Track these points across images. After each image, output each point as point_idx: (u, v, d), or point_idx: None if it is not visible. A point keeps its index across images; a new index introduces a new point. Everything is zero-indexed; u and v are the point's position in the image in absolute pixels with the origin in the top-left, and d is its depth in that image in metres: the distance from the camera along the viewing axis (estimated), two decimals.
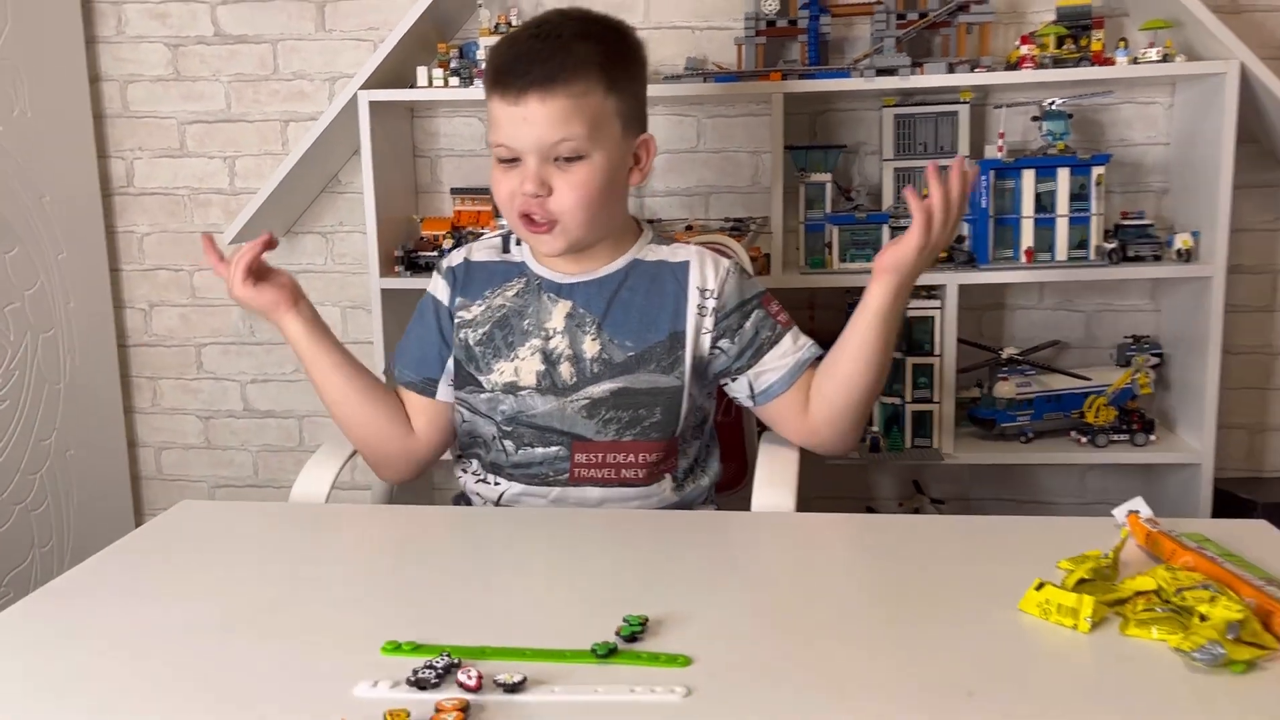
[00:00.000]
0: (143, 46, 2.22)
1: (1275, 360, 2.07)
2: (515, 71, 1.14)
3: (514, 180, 1.17)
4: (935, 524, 1.11)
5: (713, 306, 1.24)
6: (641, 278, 1.25)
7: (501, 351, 1.24)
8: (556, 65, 1.13)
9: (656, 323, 1.23)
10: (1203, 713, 0.70)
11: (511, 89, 1.14)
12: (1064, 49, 1.83)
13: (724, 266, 1.27)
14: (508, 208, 1.20)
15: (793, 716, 0.69)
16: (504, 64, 1.16)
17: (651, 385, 1.22)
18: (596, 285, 1.24)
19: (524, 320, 1.24)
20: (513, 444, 1.25)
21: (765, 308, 1.27)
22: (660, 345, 1.23)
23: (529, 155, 1.16)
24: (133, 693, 0.74)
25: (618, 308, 1.23)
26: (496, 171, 1.20)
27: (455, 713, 0.69)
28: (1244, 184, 1.97)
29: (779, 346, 1.25)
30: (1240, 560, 0.91)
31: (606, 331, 1.23)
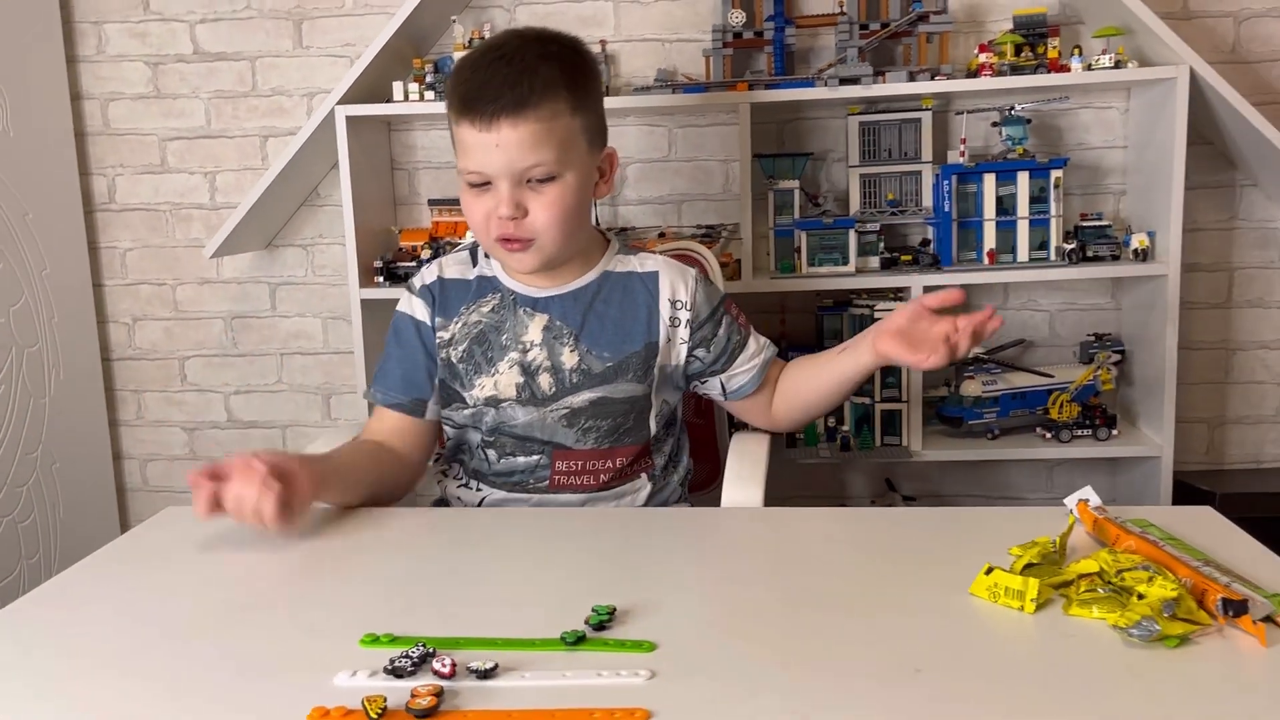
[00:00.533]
0: (123, 65, 2.25)
1: (1233, 356, 2.13)
2: (483, 98, 1.14)
3: (487, 203, 1.18)
4: (895, 516, 1.15)
5: (686, 318, 1.28)
6: (614, 289, 1.28)
7: (482, 367, 1.26)
8: (525, 90, 1.14)
9: (632, 334, 1.26)
10: (1136, 684, 0.73)
11: (481, 115, 1.14)
12: (1021, 57, 1.88)
13: (691, 276, 1.30)
14: (483, 230, 1.20)
15: (748, 695, 0.73)
16: (470, 90, 1.16)
17: (629, 394, 1.26)
18: (571, 298, 1.27)
19: (501, 335, 1.26)
20: (495, 453, 1.28)
21: (730, 313, 1.33)
22: (636, 356, 1.26)
23: (501, 179, 1.16)
24: (118, 693, 0.77)
25: (594, 319, 1.26)
26: (467, 195, 1.20)
27: (429, 697, 0.72)
28: (1198, 185, 2.04)
29: (746, 350, 1.33)
30: (1180, 543, 0.95)
31: (584, 343, 1.25)
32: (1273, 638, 0.78)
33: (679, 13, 2.10)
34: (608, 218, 2.18)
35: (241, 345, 2.33)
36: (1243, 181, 2.06)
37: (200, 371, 2.35)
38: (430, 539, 1.10)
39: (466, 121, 1.16)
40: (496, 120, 1.14)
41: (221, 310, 2.32)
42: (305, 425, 2.34)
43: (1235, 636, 0.79)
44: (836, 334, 2.05)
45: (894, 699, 0.72)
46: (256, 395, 2.34)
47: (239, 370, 2.34)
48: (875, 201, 2.02)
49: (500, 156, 1.15)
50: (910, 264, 1.96)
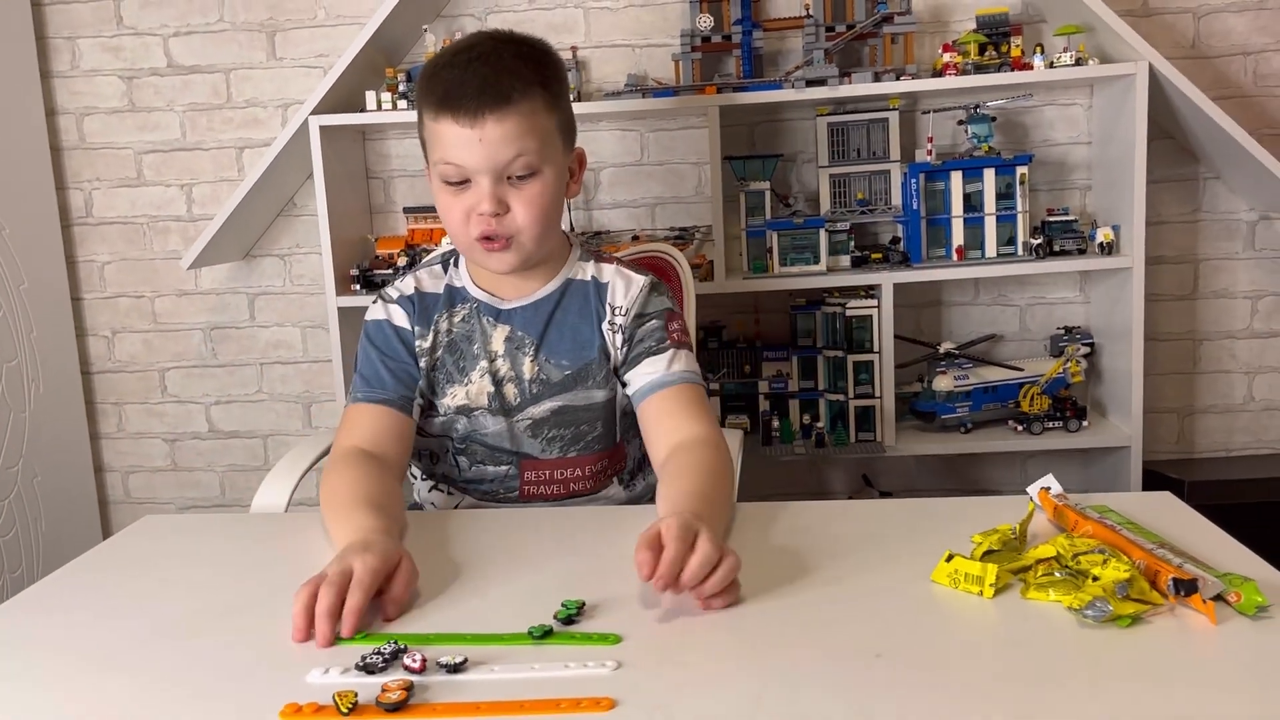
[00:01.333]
0: (97, 79, 2.25)
1: (1200, 346, 2.16)
2: (466, 94, 1.14)
3: (467, 201, 1.17)
4: (861, 508, 1.16)
5: (620, 323, 1.27)
6: (574, 297, 1.28)
7: (454, 376, 1.26)
8: (507, 86, 1.14)
9: (590, 341, 1.27)
10: (1089, 662, 0.75)
11: (465, 111, 1.14)
12: (985, 56, 1.91)
13: (637, 284, 1.29)
14: (461, 230, 1.19)
15: (710, 682, 0.74)
16: (451, 87, 1.15)
17: (589, 401, 1.26)
18: (533, 309, 1.27)
19: (473, 345, 1.26)
20: (466, 460, 1.29)
21: (665, 323, 1.28)
22: (594, 363, 1.26)
23: (483, 176, 1.16)
24: (95, 688, 0.78)
25: (553, 329, 1.26)
26: (445, 195, 1.19)
27: (399, 692, 0.73)
28: (1161, 178, 2.07)
29: (658, 358, 1.24)
30: (1137, 527, 0.97)
31: (544, 352, 1.26)
32: (1223, 616, 0.80)
33: (648, 18, 2.12)
34: (582, 222, 2.20)
35: (221, 356, 2.33)
36: (1205, 175, 2.10)
37: (180, 383, 2.35)
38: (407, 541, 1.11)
39: (448, 117, 1.15)
40: (481, 115, 1.14)
41: (200, 321, 2.33)
42: (286, 434, 2.34)
43: (1186, 615, 0.81)
44: (809, 332, 2.07)
45: (854, 682, 0.73)
46: (237, 405, 2.35)
47: (219, 381, 2.34)
48: (845, 201, 2.04)
49: (483, 151, 1.15)
50: (880, 262, 1.98)
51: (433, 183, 1.21)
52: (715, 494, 1.09)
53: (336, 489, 1.11)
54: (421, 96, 1.20)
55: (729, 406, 2.08)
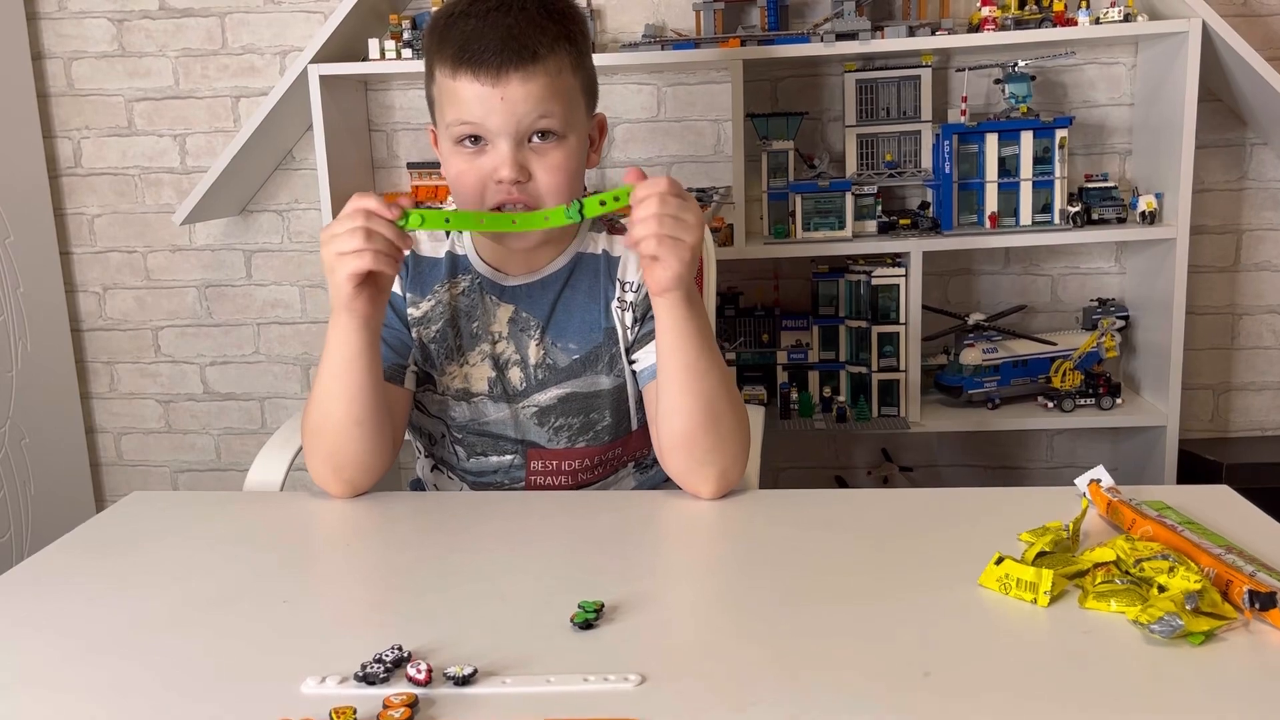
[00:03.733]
0: (86, 22, 2.16)
1: (1239, 321, 2.09)
2: (488, 49, 1.04)
3: (483, 166, 1.07)
4: (898, 498, 1.11)
5: (631, 300, 1.17)
6: (584, 274, 1.18)
7: (453, 354, 1.18)
8: (534, 41, 1.05)
9: (597, 323, 1.17)
10: (1160, 686, 0.69)
11: (486, 67, 1.04)
12: (1025, 10, 1.82)
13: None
14: (474, 198, 1.09)
15: (745, 702, 0.68)
16: (470, 41, 1.05)
17: (597, 388, 1.17)
18: (540, 287, 1.17)
19: (472, 322, 1.17)
20: (464, 450, 1.20)
21: None
22: (602, 346, 1.17)
23: (502, 138, 1.06)
24: (78, 692, 0.73)
25: (560, 310, 1.17)
26: (457, 159, 1.09)
27: (403, 709, 0.67)
28: (1207, 144, 1.98)
29: None
30: (1199, 528, 0.91)
31: (550, 335, 1.17)
32: None
33: None
34: (594, 181, 2.12)
35: (216, 315, 2.26)
36: (1253, 140, 2.01)
37: (174, 342, 2.29)
38: (407, 526, 1.05)
39: (466, 74, 1.05)
40: (504, 73, 1.04)
41: (195, 278, 2.25)
42: (284, 397, 2.28)
43: (1263, 631, 0.75)
44: (832, 300, 2.00)
45: (903, 704, 0.67)
46: (233, 366, 2.28)
47: (214, 340, 2.28)
48: (873, 163, 1.96)
49: (505, 111, 1.05)
50: (909, 228, 1.91)
51: (441, 144, 1.11)
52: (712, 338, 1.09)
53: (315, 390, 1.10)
54: (434, 49, 1.09)
55: (745, 377, 2.02)
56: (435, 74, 1.09)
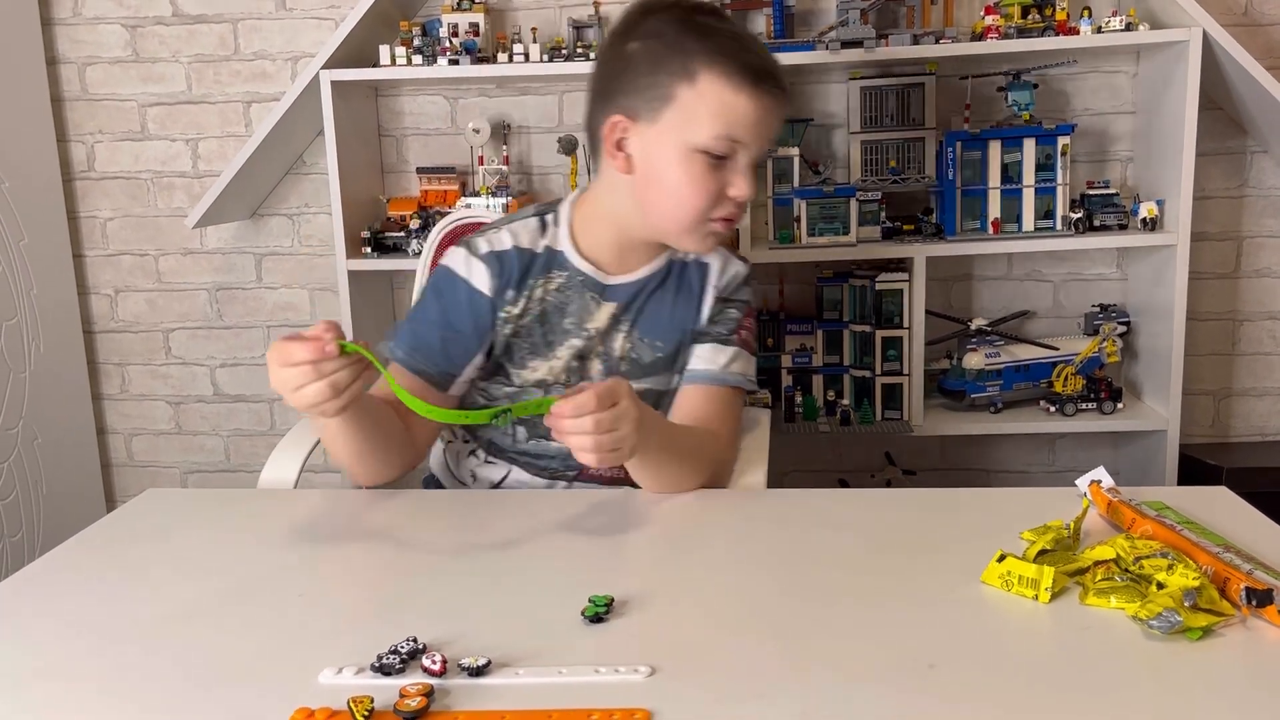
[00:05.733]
0: (100, 28, 2.18)
1: (1240, 327, 2.10)
2: (768, 74, 1.09)
3: (722, 179, 1.09)
4: (901, 497, 1.12)
5: (710, 300, 1.22)
6: (677, 276, 1.21)
7: (539, 349, 1.18)
8: (782, 73, 1.12)
9: (684, 324, 1.20)
10: (1159, 681, 0.70)
11: (766, 90, 1.08)
12: (1029, 19, 1.83)
13: (736, 268, 1.23)
14: (703, 207, 1.10)
15: (753, 694, 0.70)
16: (761, 62, 1.09)
17: (669, 387, 1.20)
18: (639, 285, 1.19)
19: (565, 318, 1.18)
20: (525, 431, 1.21)
21: (742, 317, 1.23)
22: (684, 347, 1.20)
23: (746, 156, 1.10)
24: (97, 685, 0.74)
25: (651, 307, 1.19)
26: (697, 167, 1.08)
27: (419, 698, 0.69)
28: (1208, 151, 1.99)
29: (721, 349, 1.20)
30: (1198, 528, 0.92)
31: (639, 331, 1.19)
32: None
33: None
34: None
35: (227, 317, 2.28)
36: (1253, 148, 2.02)
37: (185, 344, 2.30)
38: (420, 523, 1.06)
39: (752, 90, 1.07)
40: (773, 98, 1.09)
41: (206, 281, 2.27)
42: None
43: (1259, 628, 0.76)
44: (836, 305, 2.01)
45: (907, 697, 0.68)
46: (243, 368, 2.30)
47: (225, 343, 2.29)
48: (877, 169, 1.97)
49: (763, 135, 1.10)
50: (913, 234, 1.92)
51: (664, 147, 1.09)
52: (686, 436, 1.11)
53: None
54: (702, 52, 1.07)
55: None
56: (701, 77, 1.07)
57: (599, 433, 0.96)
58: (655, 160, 1.10)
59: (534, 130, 2.14)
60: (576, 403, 0.95)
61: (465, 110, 2.14)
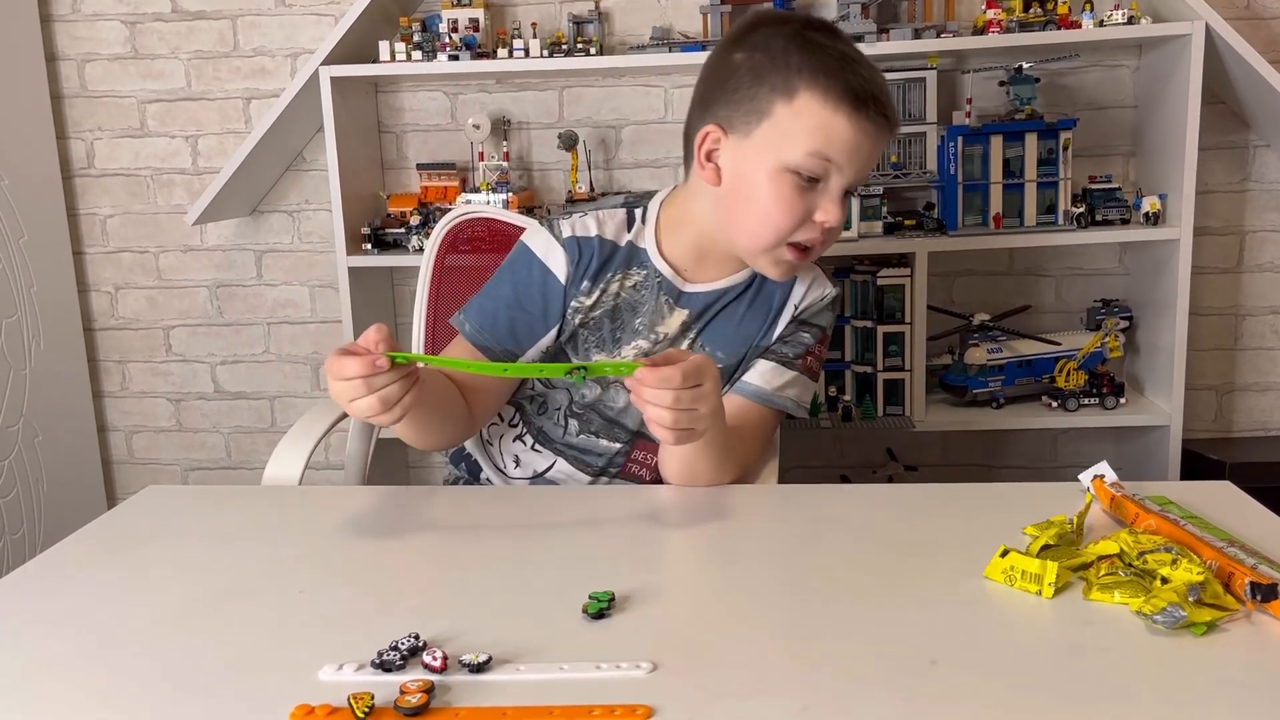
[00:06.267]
0: (99, 24, 2.18)
1: (1242, 322, 2.09)
2: (874, 95, 1.04)
3: (810, 203, 1.06)
4: (903, 493, 1.11)
5: (787, 317, 1.19)
6: (753, 291, 1.18)
7: (605, 343, 1.17)
8: (894, 112, 1.08)
9: (750, 339, 1.18)
10: (1163, 676, 0.70)
11: (869, 118, 1.04)
12: (1030, 13, 1.83)
13: (822, 292, 1.21)
14: (785, 229, 1.07)
15: (756, 690, 0.69)
16: (868, 87, 1.05)
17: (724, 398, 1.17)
18: (714, 296, 1.17)
19: (636, 318, 1.16)
20: (577, 425, 1.20)
21: (814, 343, 1.21)
22: (746, 361, 1.18)
23: (839, 181, 1.06)
24: (96, 681, 0.73)
25: (723, 318, 1.17)
26: (787, 187, 1.05)
27: (419, 694, 0.68)
28: (1211, 145, 1.99)
29: (782, 370, 1.18)
30: (1202, 522, 0.92)
31: (704, 338, 1.17)
32: None
33: None
34: (602, 181, 2.13)
35: (227, 314, 2.28)
36: (1256, 142, 2.02)
37: (185, 341, 2.30)
38: (422, 519, 1.06)
39: (853, 113, 1.03)
40: (880, 120, 1.05)
41: (206, 278, 2.27)
42: (294, 396, 2.29)
43: (1264, 623, 0.76)
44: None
45: (910, 692, 0.68)
46: (243, 365, 2.30)
47: (225, 340, 2.29)
48: (878, 164, 1.97)
49: (861, 164, 1.06)
50: (914, 229, 1.91)
51: (757, 164, 1.07)
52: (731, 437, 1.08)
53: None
54: (813, 74, 1.04)
55: None
56: (800, 94, 1.04)
57: (677, 408, 0.95)
58: (744, 175, 1.08)
59: (534, 126, 2.13)
60: (662, 375, 0.94)
61: (465, 106, 2.14)
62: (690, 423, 0.97)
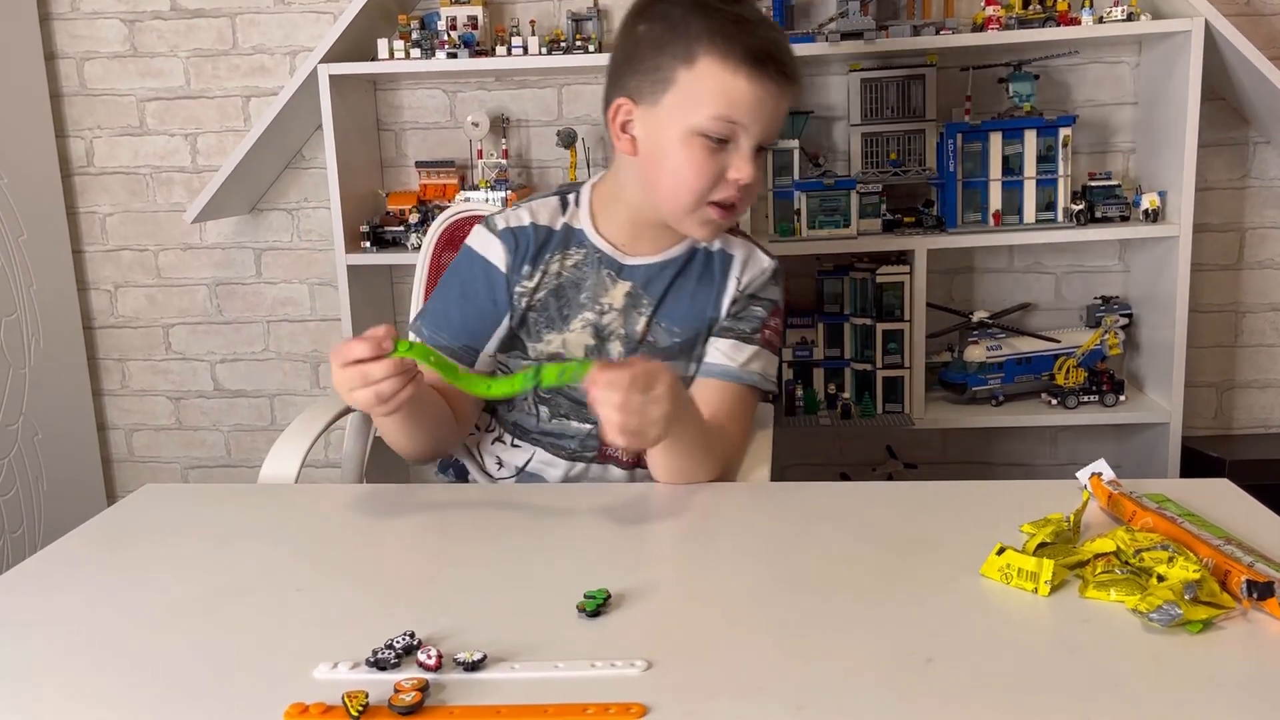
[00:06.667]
0: (98, 23, 2.18)
1: (1242, 319, 2.09)
2: (772, 53, 1.08)
3: (721, 163, 1.10)
4: (902, 490, 1.11)
5: (734, 296, 1.21)
6: (699, 264, 1.21)
7: (554, 322, 1.20)
8: (795, 64, 1.12)
9: (704, 312, 1.20)
10: (1159, 674, 0.70)
11: (768, 74, 1.07)
12: (1029, 10, 1.83)
13: (762, 264, 1.23)
14: (700, 190, 1.11)
15: (751, 688, 0.69)
16: (763, 45, 1.08)
17: (685, 374, 1.20)
18: (657, 269, 1.20)
19: (580, 293, 1.19)
20: (548, 411, 1.22)
21: (767, 315, 1.23)
22: (701, 334, 1.20)
23: (749, 141, 1.10)
24: (93, 679, 0.74)
25: (673, 293, 1.19)
26: (697, 150, 1.09)
27: (414, 693, 0.68)
28: (1210, 142, 1.98)
29: (743, 346, 1.20)
30: (1199, 520, 0.92)
31: (660, 316, 1.19)
32: None
33: None
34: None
35: (227, 312, 2.28)
36: (1255, 139, 2.01)
37: (185, 339, 2.30)
38: (418, 517, 1.06)
39: (751, 72, 1.07)
40: (778, 82, 1.09)
41: (205, 277, 2.27)
42: (294, 394, 2.29)
43: (1260, 620, 0.76)
44: (837, 298, 2.00)
45: (905, 690, 0.68)
46: (243, 363, 2.30)
47: (225, 338, 2.29)
48: (877, 161, 1.97)
49: (765, 116, 1.09)
50: (913, 226, 1.91)
51: (667, 129, 1.10)
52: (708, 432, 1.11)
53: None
54: (705, 33, 1.08)
55: None
56: (698, 62, 1.08)
57: (625, 412, 0.97)
58: (658, 143, 1.11)
59: (533, 124, 2.13)
60: (610, 377, 0.96)
61: (464, 104, 2.14)
62: (640, 425, 0.98)
